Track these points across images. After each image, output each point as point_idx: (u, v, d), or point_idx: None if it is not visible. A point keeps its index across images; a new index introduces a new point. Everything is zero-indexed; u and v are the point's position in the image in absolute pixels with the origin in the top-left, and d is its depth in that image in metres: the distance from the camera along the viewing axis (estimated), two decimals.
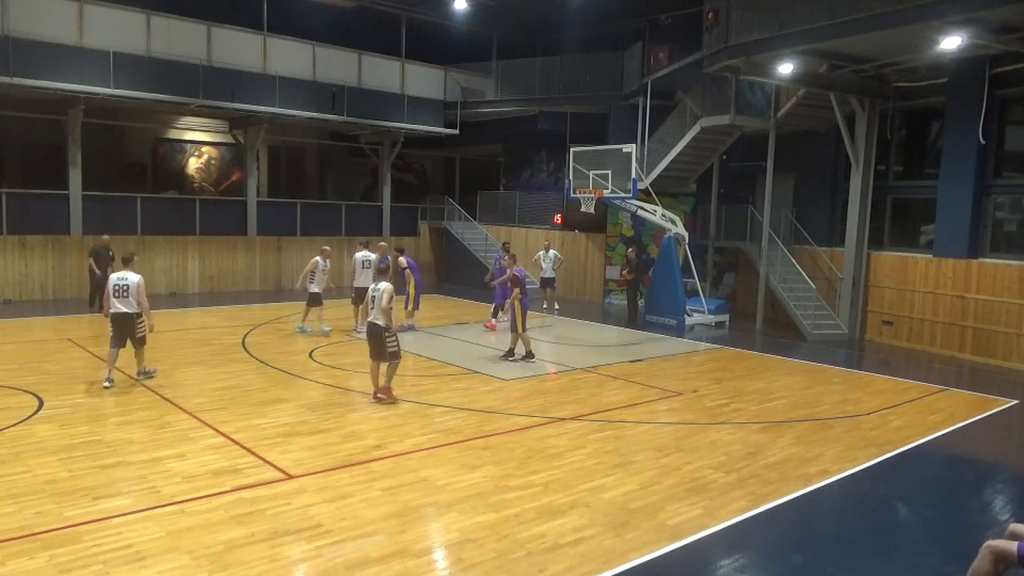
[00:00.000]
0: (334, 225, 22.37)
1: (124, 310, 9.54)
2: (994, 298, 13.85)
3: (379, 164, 23.93)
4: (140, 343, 9.80)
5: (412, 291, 14.43)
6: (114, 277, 9.75)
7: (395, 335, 9.23)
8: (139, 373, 9.96)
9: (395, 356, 9.23)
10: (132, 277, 9.64)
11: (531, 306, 14.27)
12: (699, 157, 19.19)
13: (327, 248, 14.32)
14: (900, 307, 15.56)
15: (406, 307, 14.39)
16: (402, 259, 14.31)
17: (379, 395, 9.26)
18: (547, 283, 18.29)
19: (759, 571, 5.44)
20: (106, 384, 9.43)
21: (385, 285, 9.13)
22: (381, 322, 9.08)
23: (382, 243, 14.70)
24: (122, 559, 4.98)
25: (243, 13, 19.05)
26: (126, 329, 9.63)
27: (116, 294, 9.56)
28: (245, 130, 20.94)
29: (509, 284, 12.75)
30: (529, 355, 12.09)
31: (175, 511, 5.79)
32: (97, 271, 15.94)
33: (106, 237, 16.39)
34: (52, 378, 9.91)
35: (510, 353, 12.19)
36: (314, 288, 13.65)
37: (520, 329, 11.99)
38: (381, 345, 9.14)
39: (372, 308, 9.22)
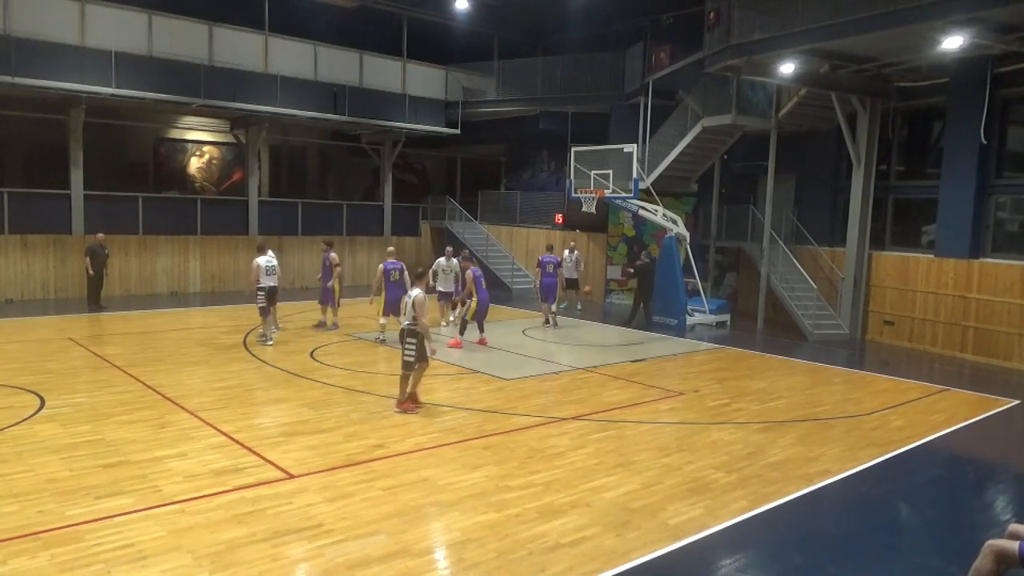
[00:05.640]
0: (335, 225, 22.38)
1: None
2: (996, 298, 13.83)
3: (380, 164, 23.93)
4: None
5: (338, 288, 14.33)
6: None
7: (415, 345, 8.75)
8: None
9: (407, 367, 8.83)
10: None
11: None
12: (700, 157, 19.19)
13: (450, 248, 14.81)
14: (901, 307, 15.55)
15: (333, 304, 14.43)
16: (333, 255, 14.28)
17: (396, 409, 8.85)
18: (570, 284, 18.33)
19: (760, 571, 5.44)
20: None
21: (416, 291, 8.84)
22: (405, 326, 8.87)
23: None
24: (123, 558, 4.98)
25: (244, 13, 19.05)
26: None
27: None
28: (246, 130, 20.94)
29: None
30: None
31: (176, 510, 5.79)
32: (91, 270, 15.98)
33: (101, 235, 16.42)
34: (54, 377, 9.92)
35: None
36: (440, 287, 14.51)
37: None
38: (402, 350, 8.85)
39: (404, 313, 8.95)
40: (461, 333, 13.37)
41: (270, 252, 13.32)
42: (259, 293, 12.76)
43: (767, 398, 10.38)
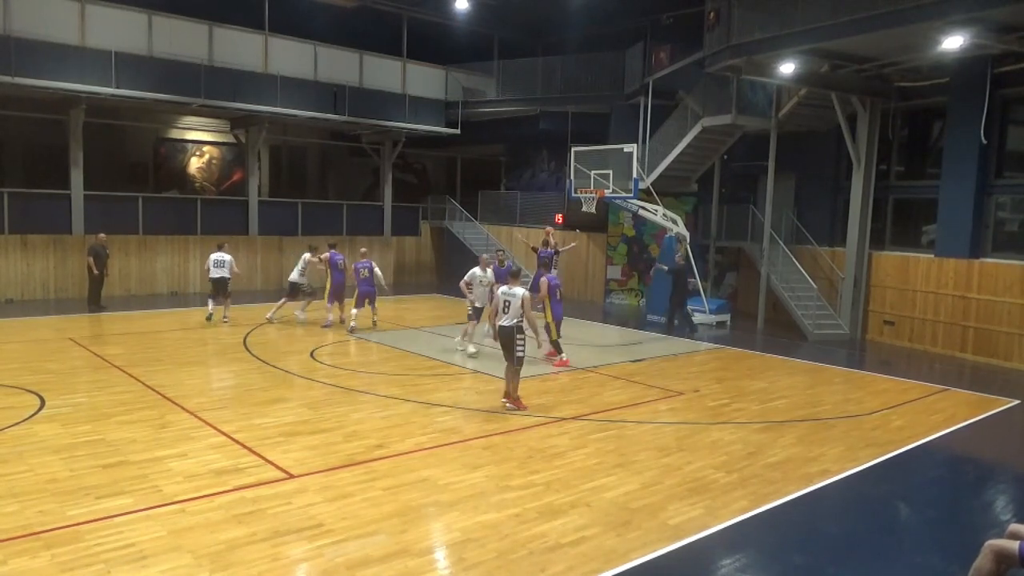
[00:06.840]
0: (335, 225, 22.36)
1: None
2: (996, 298, 13.83)
3: (380, 164, 23.92)
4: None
5: (329, 285, 14.71)
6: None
7: (524, 340, 9.03)
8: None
9: (519, 362, 9.02)
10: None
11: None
12: (700, 157, 19.18)
13: (485, 256, 13.39)
14: (901, 307, 15.55)
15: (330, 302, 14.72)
16: (326, 254, 14.72)
17: (506, 402, 9.15)
18: None
19: (760, 571, 5.44)
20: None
21: (520, 290, 8.98)
22: (509, 324, 8.95)
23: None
24: (124, 558, 4.98)
25: (244, 13, 19.04)
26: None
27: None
28: (246, 130, 20.94)
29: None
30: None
31: (176, 510, 5.79)
32: (95, 270, 16.00)
33: (103, 236, 16.44)
34: (54, 377, 9.92)
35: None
36: (477, 304, 12.68)
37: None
38: (511, 348, 8.98)
39: (503, 312, 9.03)
40: (560, 351, 12.23)
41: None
42: (211, 283, 14.83)
43: (767, 398, 10.38)
